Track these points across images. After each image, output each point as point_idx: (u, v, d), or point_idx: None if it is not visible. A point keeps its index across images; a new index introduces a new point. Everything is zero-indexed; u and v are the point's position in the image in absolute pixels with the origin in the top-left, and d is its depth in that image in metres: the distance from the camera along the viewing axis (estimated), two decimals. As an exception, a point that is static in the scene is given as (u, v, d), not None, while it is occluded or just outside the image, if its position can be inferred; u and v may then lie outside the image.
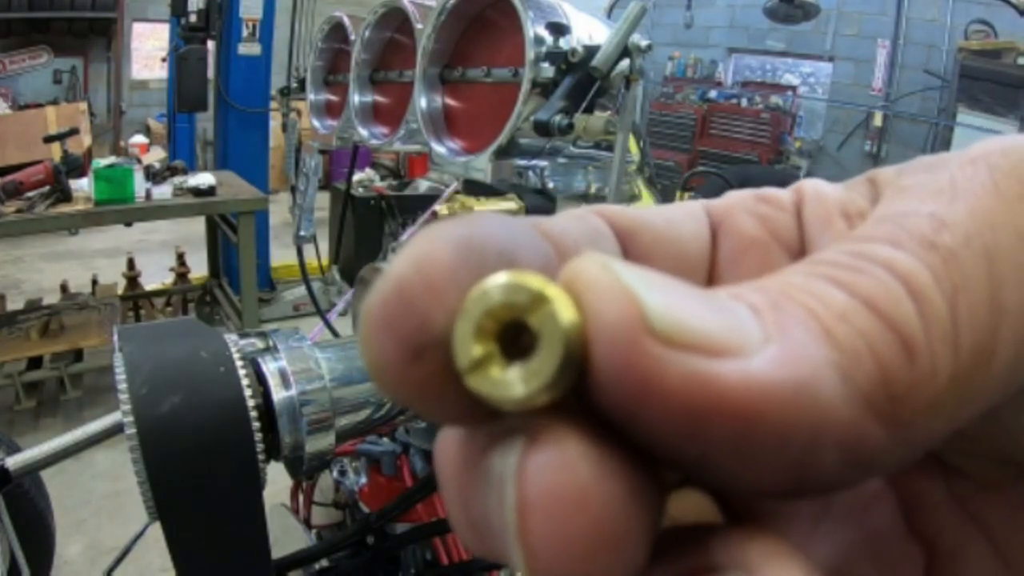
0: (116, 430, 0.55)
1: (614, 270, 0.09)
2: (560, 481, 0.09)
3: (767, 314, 0.10)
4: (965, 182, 0.11)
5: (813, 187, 0.14)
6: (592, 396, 0.09)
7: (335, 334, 1.08)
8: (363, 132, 1.02)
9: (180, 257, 3.71)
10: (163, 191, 2.87)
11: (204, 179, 3.00)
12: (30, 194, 2.62)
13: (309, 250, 1.28)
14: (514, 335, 0.10)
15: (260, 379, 0.53)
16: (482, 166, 0.76)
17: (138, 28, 7.67)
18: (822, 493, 0.10)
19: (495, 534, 0.10)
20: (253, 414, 0.47)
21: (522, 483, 0.09)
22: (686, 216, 0.14)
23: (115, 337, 0.49)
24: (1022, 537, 0.13)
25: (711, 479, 0.10)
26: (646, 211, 0.14)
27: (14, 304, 3.30)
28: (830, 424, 0.09)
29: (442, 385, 0.10)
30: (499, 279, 0.09)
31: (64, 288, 3.41)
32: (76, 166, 2.79)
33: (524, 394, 0.09)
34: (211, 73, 3.95)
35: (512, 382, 0.09)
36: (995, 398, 0.10)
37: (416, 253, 0.10)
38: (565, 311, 0.09)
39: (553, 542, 0.09)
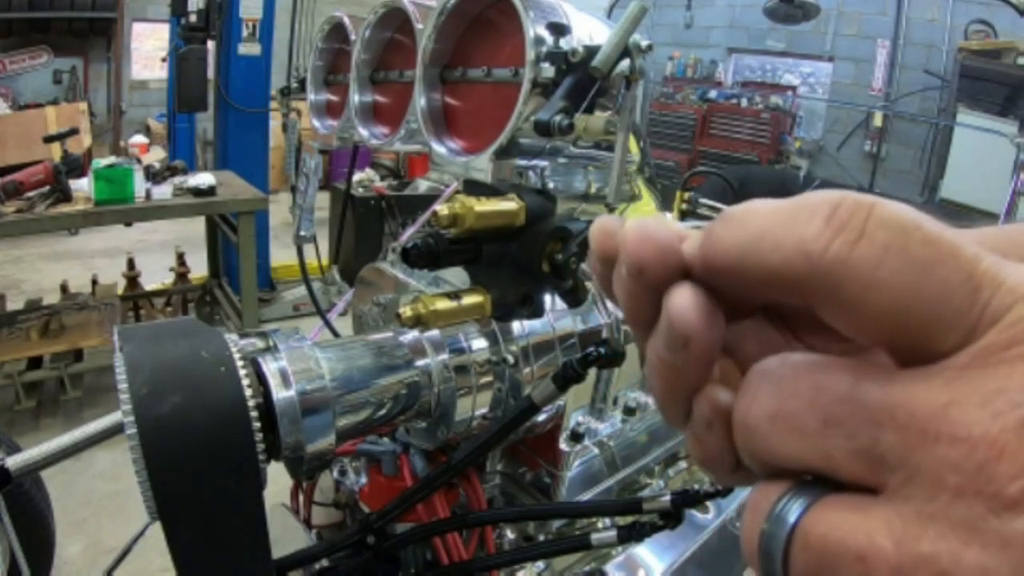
0: (116, 430, 0.55)
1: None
2: (690, 295, 0.20)
3: None
4: None
5: None
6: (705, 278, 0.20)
7: (335, 334, 1.08)
8: (363, 132, 1.02)
9: (180, 257, 3.71)
10: (163, 191, 2.87)
11: (204, 179, 3.00)
12: (30, 194, 2.62)
13: (309, 250, 1.28)
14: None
15: (261, 379, 0.53)
16: (482, 166, 0.76)
17: (138, 28, 7.67)
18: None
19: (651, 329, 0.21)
20: (254, 414, 0.47)
21: (672, 294, 0.20)
22: None
23: (115, 337, 0.49)
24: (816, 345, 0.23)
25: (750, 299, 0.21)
26: None
27: (14, 304, 3.30)
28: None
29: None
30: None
31: (64, 288, 3.41)
32: (76, 166, 2.79)
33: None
34: (211, 73, 3.95)
35: None
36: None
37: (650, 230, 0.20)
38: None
39: (686, 319, 0.19)
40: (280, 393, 0.52)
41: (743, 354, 0.23)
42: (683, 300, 0.19)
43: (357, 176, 4.50)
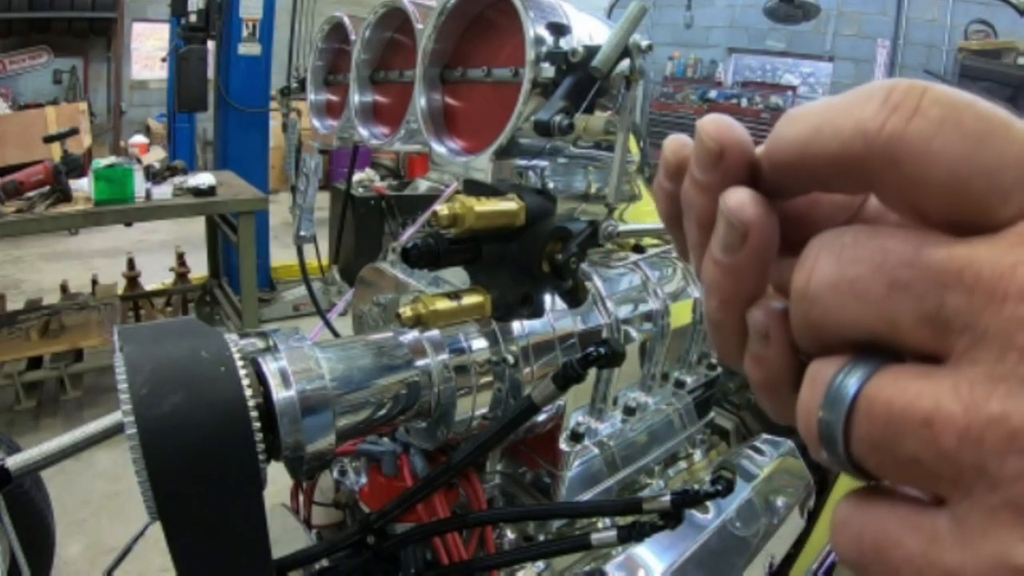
0: (116, 430, 0.55)
1: None
2: (747, 191, 0.20)
3: None
4: None
5: None
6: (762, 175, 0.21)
7: (335, 334, 1.08)
8: (363, 132, 1.02)
9: (180, 257, 3.71)
10: (163, 191, 2.87)
11: (204, 179, 3.00)
12: (30, 194, 2.62)
13: (309, 250, 1.28)
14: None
15: (261, 379, 0.53)
16: (482, 166, 0.76)
17: (138, 28, 7.67)
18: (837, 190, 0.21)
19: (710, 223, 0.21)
20: (254, 414, 0.47)
21: (728, 192, 0.20)
22: None
23: (115, 337, 0.49)
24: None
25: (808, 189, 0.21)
26: None
27: (14, 304, 3.30)
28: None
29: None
30: None
31: (64, 288, 3.41)
32: (76, 166, 2.79)
33: None
34: (211, 73, 3.95)
35: None
36: None
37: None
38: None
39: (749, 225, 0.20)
40: (280, 393, 0.52)
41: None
42: (741, 193, 0.20)
43: (357, 176, 4.50)
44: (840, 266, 0.18)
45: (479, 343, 0.73)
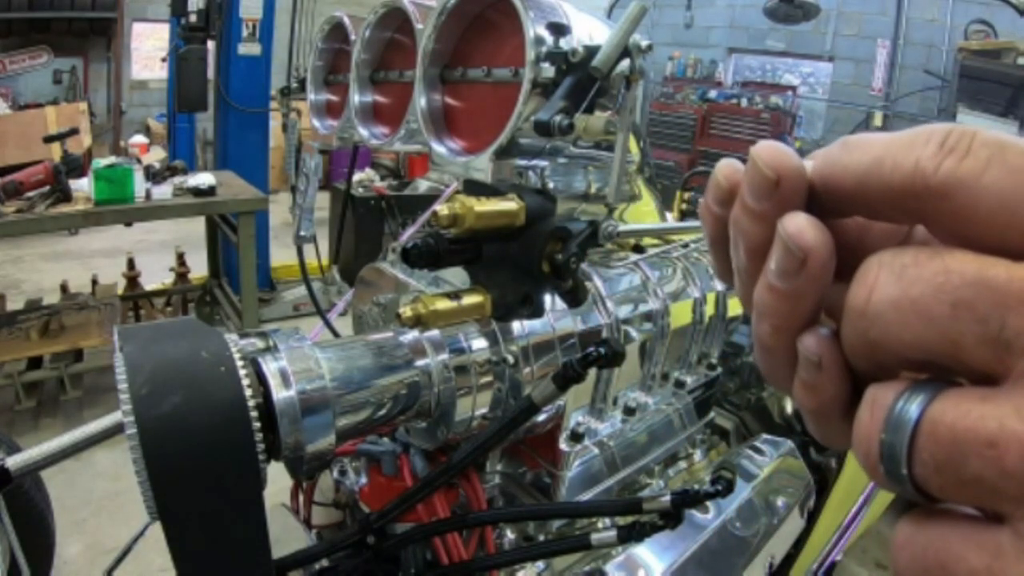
0: (116, 430, 0.55)
1: None
2: (803, 221, 0.20)
3: None
4: None
5: None
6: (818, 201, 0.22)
7: (335, 334, 1.08)
8: (363, 132, 1.02)
9: (180, 257, 3.71)
10: (163, 191, 2.87)
11: (204, 179, 3.00)
12: (30, 194, 2.62)
13: (309, 250, 1.28)
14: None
15: (261, 379, 0.53)
16: (482, 166, 0.76)
17: (138, 28, 7.66)
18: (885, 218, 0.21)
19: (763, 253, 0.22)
20: (254, 414, 0.47)
21: (786, 217, 0.20)
22: None
23: (115, 337, 0.49)
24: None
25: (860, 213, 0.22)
26: None
27: (14, 304, 3.29)
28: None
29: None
30: None
31: (64, 288, 3.40)
32: (76, 166, 2.79)
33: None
34: (211, 73, 3.94)
35: None
36: None
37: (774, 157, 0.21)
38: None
39: (805, 235, 0.20)
40: (280, 393, 0.52)
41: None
42: (800, 219, 0.20)
43: (357, 176, 4.50)
44: (901, 285, 0.18)
45: (479, 343, 0.73)
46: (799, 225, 0.20)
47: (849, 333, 0.20)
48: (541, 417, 0.80)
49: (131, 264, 3.56)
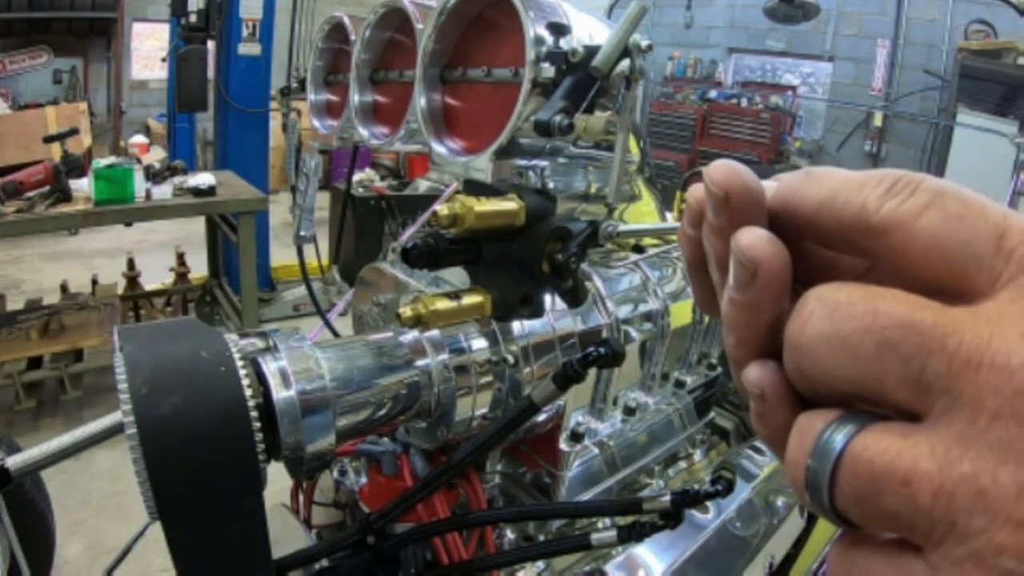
0: (116, 430, 0.55)
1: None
2: (755, 235, 0.21)
3: None
4: None
5: None
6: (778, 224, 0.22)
7: (335, 334, 1.08)
8: (363, 132, 1.02)
9: (180, 257, 3.71)
10: (163, 191, 2.87)
11: (204, 179, 3.00)
12: (30, 194, 2.62)
13: (309, 250, 1.28)
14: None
15: (261, 379, 0.53)
16: (482, 166, 0.76)
17: (138, 28, 7.66)
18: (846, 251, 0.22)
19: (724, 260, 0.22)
20: (254, 414, 0.47)
21: (740, 231, 0.21)
22: None
23: (115, 337, 0.49)
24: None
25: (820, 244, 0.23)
26: None
27: (14, 304, 3.29)
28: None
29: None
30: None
31: (64, 288, 3.40)
32: (76, 166, 2.79)
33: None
34: (211, 73, 3.94)
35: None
36: None
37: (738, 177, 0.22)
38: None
39: (757, 252, 0.21)
40: (280, 393, 0.52)
41: None
42: (752, 233, 0.21)
43: (357, 176, 4.50)
44: (833, 321, 0.20)
45: (479, 343, 0.73)
46: (750, 239, 0.21)
47: (787, 362, 0.21)
48: (541, 417, 0.80)
49: (131, 264, 3.56)
